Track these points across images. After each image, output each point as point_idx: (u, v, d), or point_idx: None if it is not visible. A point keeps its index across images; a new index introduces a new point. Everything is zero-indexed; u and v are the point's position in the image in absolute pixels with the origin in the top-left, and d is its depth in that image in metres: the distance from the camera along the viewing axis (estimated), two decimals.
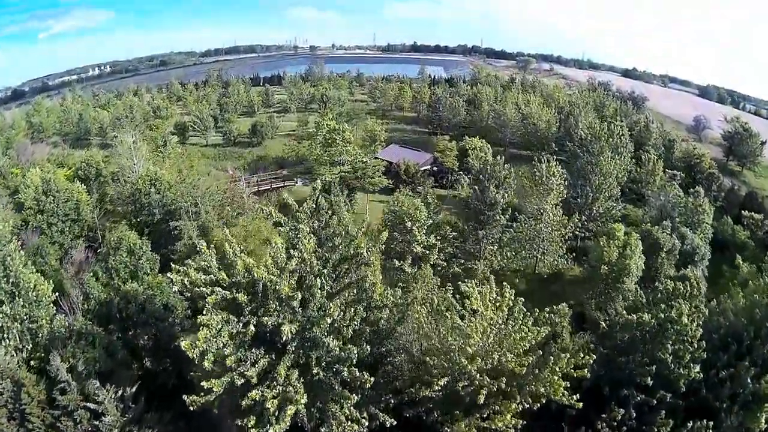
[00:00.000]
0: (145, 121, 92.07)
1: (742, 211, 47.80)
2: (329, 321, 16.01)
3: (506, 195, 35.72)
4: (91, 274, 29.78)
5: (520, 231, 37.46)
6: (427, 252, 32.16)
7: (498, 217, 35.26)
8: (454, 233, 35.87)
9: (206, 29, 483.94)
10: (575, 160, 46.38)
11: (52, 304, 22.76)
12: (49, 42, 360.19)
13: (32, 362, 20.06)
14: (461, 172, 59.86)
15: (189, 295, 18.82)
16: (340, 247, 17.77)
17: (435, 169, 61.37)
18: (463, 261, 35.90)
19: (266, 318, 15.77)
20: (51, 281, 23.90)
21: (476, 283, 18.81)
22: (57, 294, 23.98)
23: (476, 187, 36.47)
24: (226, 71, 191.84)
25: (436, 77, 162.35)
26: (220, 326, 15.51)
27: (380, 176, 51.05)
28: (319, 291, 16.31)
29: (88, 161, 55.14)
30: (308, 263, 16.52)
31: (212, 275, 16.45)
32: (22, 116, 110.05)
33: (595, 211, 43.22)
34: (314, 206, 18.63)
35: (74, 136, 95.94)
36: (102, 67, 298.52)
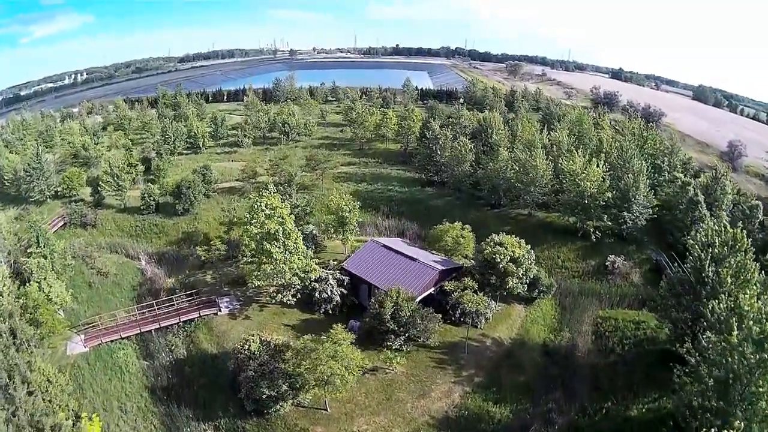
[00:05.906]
0: (62, 171, 62.36)
1: None
2: None
3: None
4: None
5: None
6: None
7: None
8: None
9: (187, 29, 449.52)
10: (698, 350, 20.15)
11: None
12: (31, 47, 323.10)
13: None
14: (487, 298, 33.14)
15: None
16: None
17: (442, 285, 34.41)
18: None
19: None
20: None
21: None
22: None
23: None
24: (187, 83, 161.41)
25: (424, 88, 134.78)
26: None
27: (352, 358, 24.32)
28: None
29: None
30: None
31: None
32: None
33: None
34: None
35: None
36: (78, 75, 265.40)
